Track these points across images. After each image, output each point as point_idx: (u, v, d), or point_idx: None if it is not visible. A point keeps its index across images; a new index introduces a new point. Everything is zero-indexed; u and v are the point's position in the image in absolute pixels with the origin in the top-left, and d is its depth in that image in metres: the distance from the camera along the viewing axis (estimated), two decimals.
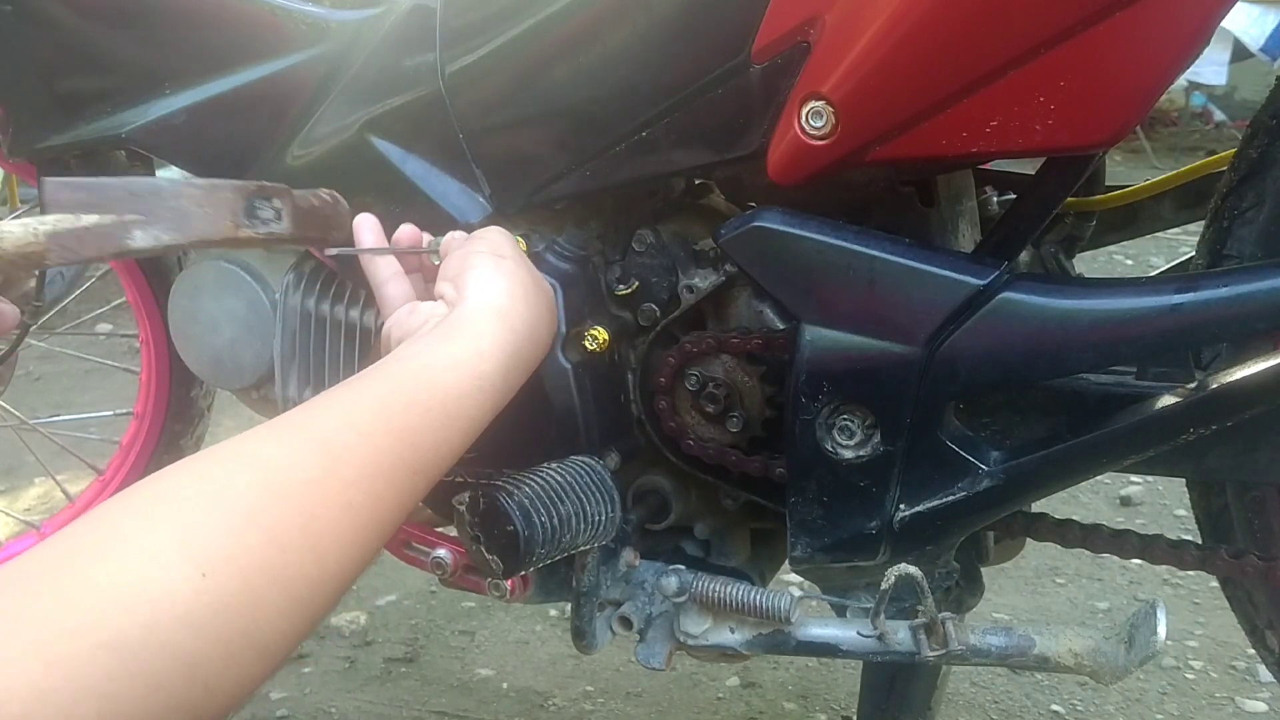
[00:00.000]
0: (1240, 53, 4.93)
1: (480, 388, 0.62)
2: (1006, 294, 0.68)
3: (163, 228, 0.69)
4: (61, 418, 1.62)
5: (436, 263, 0.76)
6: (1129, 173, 4.51)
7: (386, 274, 0.76)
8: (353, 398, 0.57)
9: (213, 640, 0.43)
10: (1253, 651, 0.89)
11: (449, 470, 0.60)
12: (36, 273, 1.27)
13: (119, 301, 1.41)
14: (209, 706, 0.43)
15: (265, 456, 0.50)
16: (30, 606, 0.40)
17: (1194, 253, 0.79)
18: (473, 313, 0.66)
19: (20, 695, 0.37)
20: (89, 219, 0.65)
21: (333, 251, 0.78)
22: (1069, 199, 0.84)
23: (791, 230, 0.71)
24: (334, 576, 0.49)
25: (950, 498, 0.72)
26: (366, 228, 0.77)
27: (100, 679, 0.39)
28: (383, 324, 0.73)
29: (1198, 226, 0.81)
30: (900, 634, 0.75)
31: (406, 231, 0.78)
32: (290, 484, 0.49)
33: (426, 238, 0.78)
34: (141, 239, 0.68)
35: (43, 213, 0.65)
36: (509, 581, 0.85)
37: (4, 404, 1.45)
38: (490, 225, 0.78)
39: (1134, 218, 0.99)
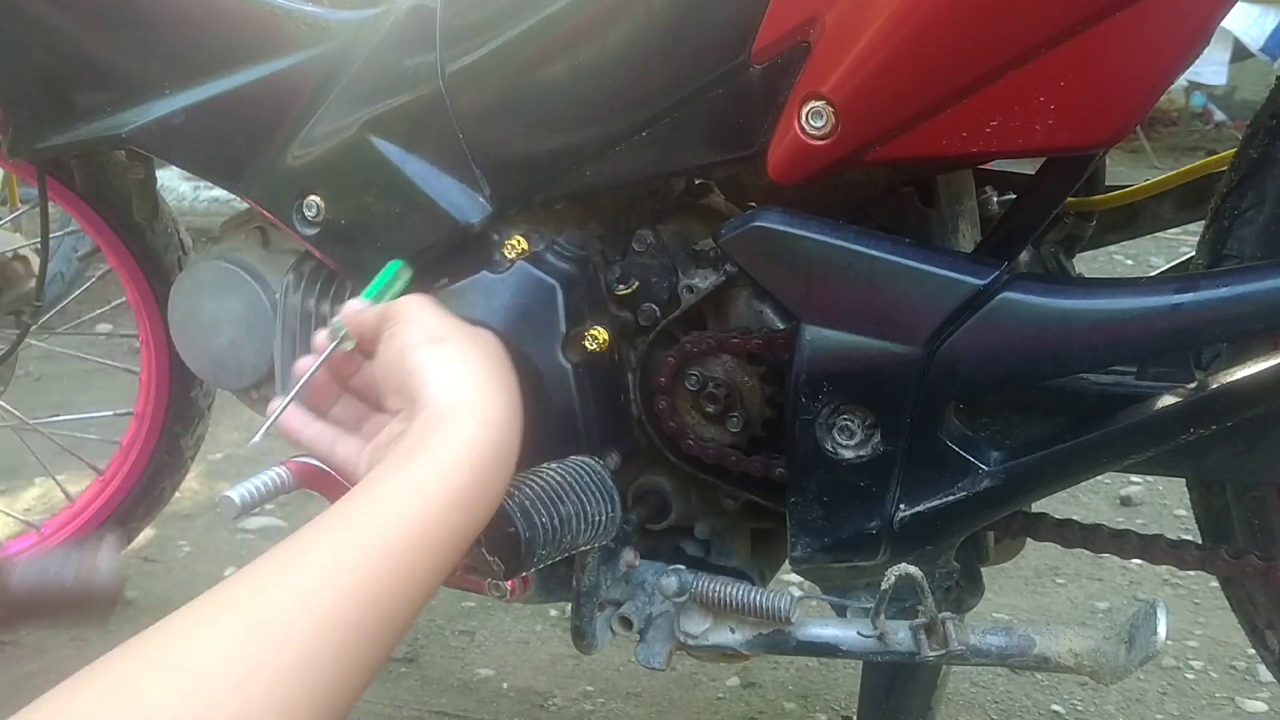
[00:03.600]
0: (1240, 53, 4.92)
1: (451, 504, 0.56)
2: (1006, 294, 0.68)
3: None
4: (61, 418, 1.61)
5: (349, 346, 0.70)
6: (1129, 173, 4.50)
7: (328, 441, 0.69)
8: (302, 562, 0.50)
9: None
10: (1253, 651, 0.89)
11: None
12: (36, 272, 1.27)
13: (119, 301, 1.41)
14: None
15: (191, 656, 0.44)
16: None
17: (1194, 253, 0.80)
18: (434, 419, 0.59)
19: None
20: None
21: (256, 439, 0.69)
22: (1069, 199, 0.84)
23: (791, 230, 0.71)
24: None
25: (950, 498, 0.72)
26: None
27: None
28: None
29: (1198, 226, 0.81)
30: (900, 634, 0.75)
31: (303, 361, 0.70)
32: (215, 689, 0.43)
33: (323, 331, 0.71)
34: None
35: None
36: (509, 582, 0.85)
37: (4, 404, 1.45)
38: (412, 293, 0.72)
39: (1134, 218, 0.99)
